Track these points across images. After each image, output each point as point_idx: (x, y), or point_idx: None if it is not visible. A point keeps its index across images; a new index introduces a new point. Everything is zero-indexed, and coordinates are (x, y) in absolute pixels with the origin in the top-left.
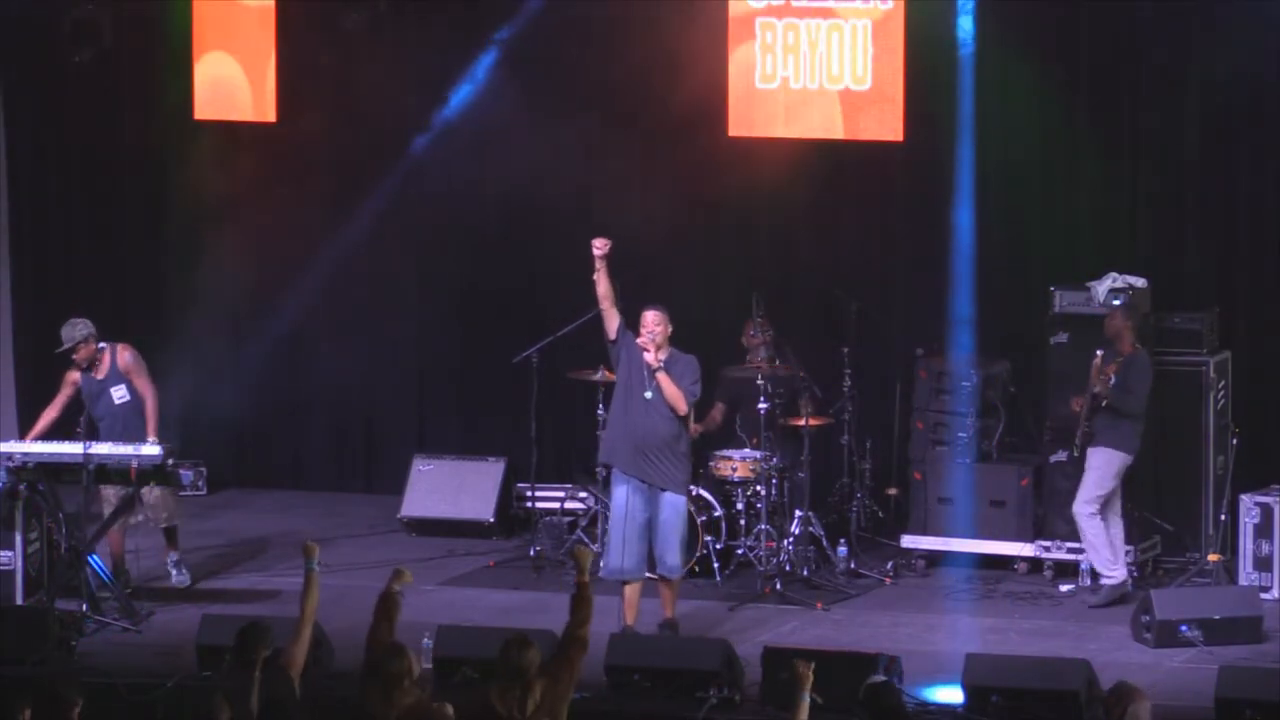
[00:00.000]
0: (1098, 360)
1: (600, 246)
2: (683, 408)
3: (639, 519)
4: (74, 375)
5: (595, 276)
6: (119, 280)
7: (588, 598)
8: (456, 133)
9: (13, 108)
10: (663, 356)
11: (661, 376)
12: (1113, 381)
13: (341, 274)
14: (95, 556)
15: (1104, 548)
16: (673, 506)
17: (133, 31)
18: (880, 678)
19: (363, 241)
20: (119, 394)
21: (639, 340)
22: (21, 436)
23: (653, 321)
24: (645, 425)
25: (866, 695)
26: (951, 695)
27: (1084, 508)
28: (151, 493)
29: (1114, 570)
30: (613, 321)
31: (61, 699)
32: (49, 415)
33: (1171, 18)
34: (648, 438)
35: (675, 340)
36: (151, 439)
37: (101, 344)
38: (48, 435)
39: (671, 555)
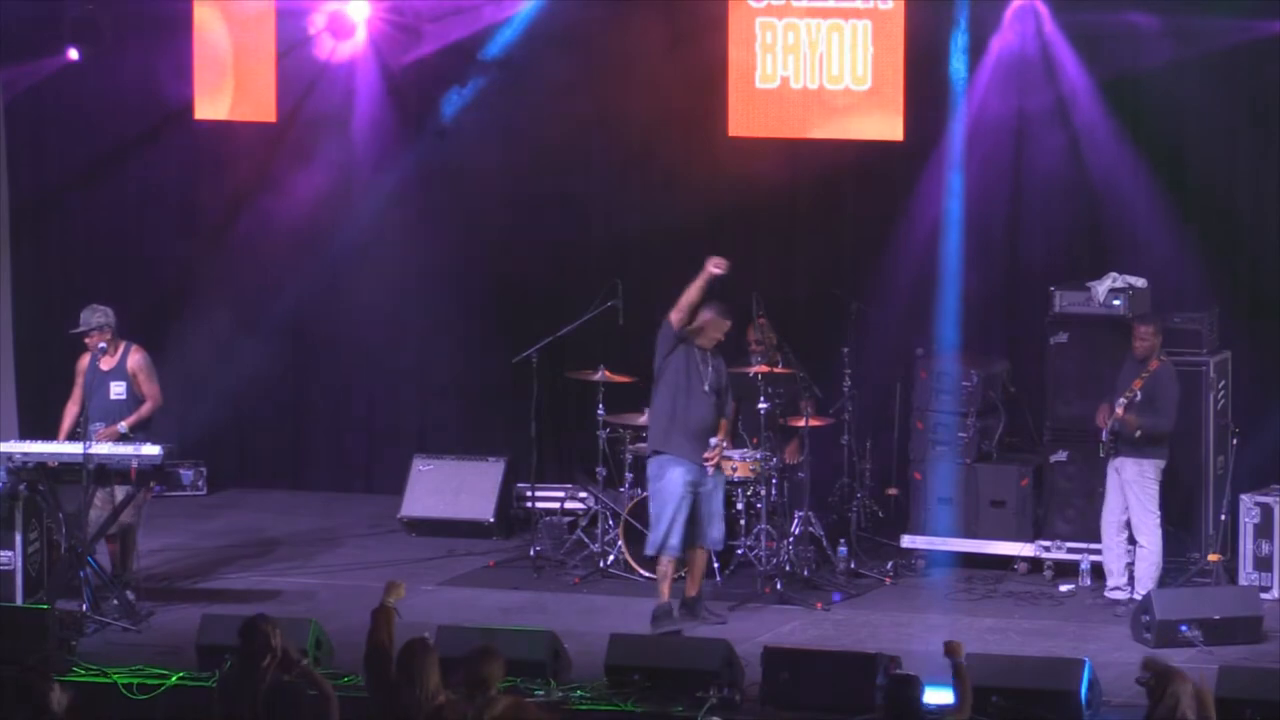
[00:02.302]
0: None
1: (719, 266)
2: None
3: (692, 499)
4: (82, 364)
5: (698, 287)
6: (119, 280)
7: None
8: (456, 135)
9: (13, 107)
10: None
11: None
12: (1138, 398)
13: (342, 274)
14: (93, 557)
15: (1159, 564)
16: (719, 485)
17: (133, 31)
18: (906, 672)
19: (363, 242)
20: (117, 390)
21: (714, 463)
22: (47, 438)
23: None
24: (703, 414)
25: (890, 684)
26: (950, 696)
27: (1149, 519)
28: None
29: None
30: (683, 320)
31: (36, 690)
32: (72, 410)
33: (1172, 17)
34: (706, 424)
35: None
36: (123, 426)
37: (113, 339)
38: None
39: (717, 529)
